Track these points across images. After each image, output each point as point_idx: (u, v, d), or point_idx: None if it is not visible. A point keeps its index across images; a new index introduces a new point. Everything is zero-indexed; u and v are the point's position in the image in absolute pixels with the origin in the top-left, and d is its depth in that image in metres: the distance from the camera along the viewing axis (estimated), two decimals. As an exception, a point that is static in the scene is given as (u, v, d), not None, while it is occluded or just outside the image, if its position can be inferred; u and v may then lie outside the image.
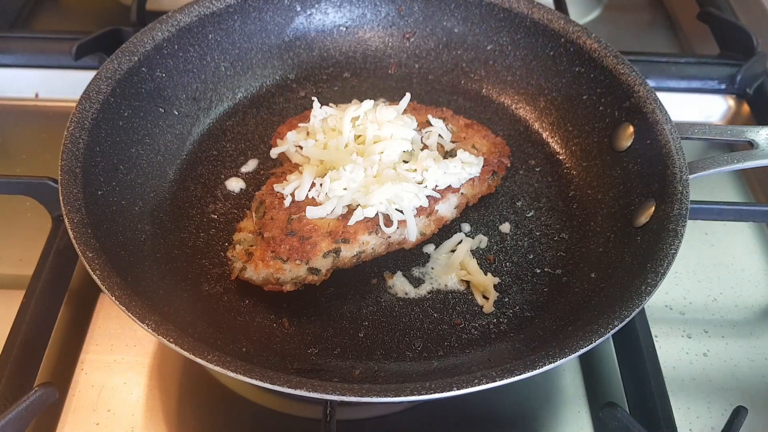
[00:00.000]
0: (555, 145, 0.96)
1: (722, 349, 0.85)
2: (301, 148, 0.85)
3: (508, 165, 0.90)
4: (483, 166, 0.85)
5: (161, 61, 0.88)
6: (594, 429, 0.77)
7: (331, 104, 0.88)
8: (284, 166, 0.86)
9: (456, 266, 0.81)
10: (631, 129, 0.86)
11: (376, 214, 0.77)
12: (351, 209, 0.76)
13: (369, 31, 1.03)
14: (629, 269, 0.73)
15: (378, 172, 0.78)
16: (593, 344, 0.63)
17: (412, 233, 0.80)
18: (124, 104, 0.83)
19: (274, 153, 0.89)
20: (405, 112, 0.82)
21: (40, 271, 0.79)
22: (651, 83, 0.93)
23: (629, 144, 0.86)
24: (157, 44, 0.87)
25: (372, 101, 0.86)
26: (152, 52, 0.86)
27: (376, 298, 0.79)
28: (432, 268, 0.82)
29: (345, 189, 0.76)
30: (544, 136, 0.97)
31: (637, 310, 0.66)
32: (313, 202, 0.77)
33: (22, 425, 0.66)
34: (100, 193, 0.75)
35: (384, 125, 0.79)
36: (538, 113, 0.98)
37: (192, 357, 0.59)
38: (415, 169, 0.79)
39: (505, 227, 0.87)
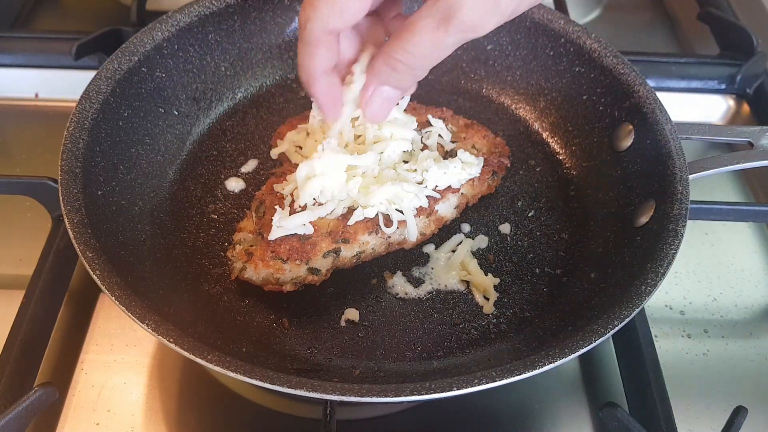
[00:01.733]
0: (555, 145, 0.95)
1: (722, 349, 0.85)
2: (301, 148, 0.85)
3: (508, 165, 0.89)
4: (483, 166, 0.85)
5: (161, 61, 0.88)
6: (594, 429, 0.77)
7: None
8: (284, 166, 0.86)
9: (456, 266, 0.81)
10: (630, 129, 0.86)
11: (376, 215, 0.77)
12: (351, 209, 0.76)
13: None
14: (629, 269, 0.73)
15: (378, 172, 0.78)
16: (593, 344, 0.63)
17: (412, 233, 0.80)
18: (124, 104, 0.83)
19: (274, 153, 0.89)
20: (405, 112, 0.82)
21: (40, 271, 0.79)
22: (651, 83, 0.93)
23: (629, 144, 0.86)
24: (157, 44, 0.86)
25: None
26: (152, 52, 0.86)
27: (376, 298, 0.79)
28: (432, 268, 0.82)
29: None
30: (544, 136, 0.97)
31: (637, 310, 0.66)
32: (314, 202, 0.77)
33: (22, 425, 0.66)
34: (100, 193, 0.75)
35: (384, 125, 0.79)
36: (538, 113, 0.98)
37: (192, 357, 0.59)
38: (415, 169, 0.79)
39: (505, 227, 0.87)
